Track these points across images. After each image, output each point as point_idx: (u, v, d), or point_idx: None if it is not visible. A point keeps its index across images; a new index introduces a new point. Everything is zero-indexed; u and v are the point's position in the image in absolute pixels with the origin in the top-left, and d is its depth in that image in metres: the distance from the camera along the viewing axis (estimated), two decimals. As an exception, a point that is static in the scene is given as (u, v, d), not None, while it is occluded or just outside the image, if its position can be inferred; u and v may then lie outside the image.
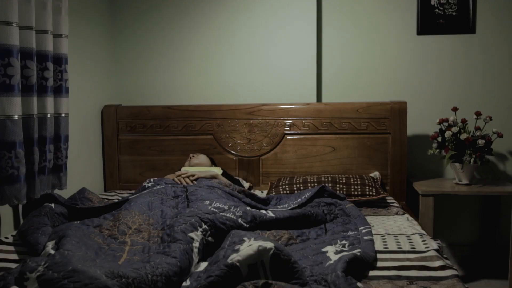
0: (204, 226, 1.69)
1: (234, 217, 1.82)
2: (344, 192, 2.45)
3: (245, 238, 1.42)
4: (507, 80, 2.91)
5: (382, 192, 2.47)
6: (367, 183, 2.51)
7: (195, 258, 1.54)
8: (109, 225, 1.78)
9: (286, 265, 1.34)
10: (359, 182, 2.51)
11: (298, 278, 1.35)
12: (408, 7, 2.94)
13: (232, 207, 1.89)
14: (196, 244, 1.58)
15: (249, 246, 1.35)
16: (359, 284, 1.35)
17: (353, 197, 2.45)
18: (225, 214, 1.82)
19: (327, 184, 2.46)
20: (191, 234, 1.61)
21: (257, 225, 1.86)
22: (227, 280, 1.28)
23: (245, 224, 1.82)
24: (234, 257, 1.32)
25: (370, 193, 2.45)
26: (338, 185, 2.50)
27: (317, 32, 2.98)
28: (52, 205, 2.00)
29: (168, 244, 1.56)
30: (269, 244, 1.34)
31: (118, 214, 1.86)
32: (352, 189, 2.47)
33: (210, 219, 1.73)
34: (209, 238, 1.68)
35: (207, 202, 1.91)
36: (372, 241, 1.74)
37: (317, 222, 2.00)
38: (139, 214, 1.86)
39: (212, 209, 1.84)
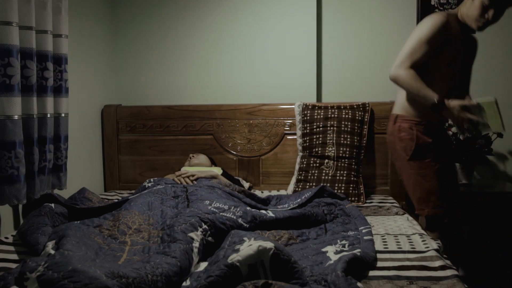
0: (204, 226, 1.69)
1: (234, 217, 1.82)
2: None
3: (245, 238, 1.42)
4: (507, 80, 2.91)
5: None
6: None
7: (195, 258, 1.54)
8: (109, 225, 1.78)
9: (286, 265, 1.35)
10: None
11: (298, 278, 1.35)
12: (408, 7, 2.94)
13: (232, 207, 1.89)
14: (196, 244, 1.58)
15: (249, 246, 1.35)
16: (359, 284, 1.35)
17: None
18: (225, 214, 1.82)
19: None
20: (191, 234, 1.61)
21: (257, 225, 1.86)
22: (227, 280, 1.28)
23: (245, 224, 1.82)
24: (234, 257, 1.32)
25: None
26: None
27: (317, 32, 2.98)
28: (52, 205, 2.00)
29: (168, 244, 1.56)
30: (269, 244, 1.34)
31: (118, 214, 1.86)
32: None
33: (210, 219, 1.73)
34: (209, 238, 1.68)
35: (207, 202, 1.91)
36: (372, 241, 1.74)
37: (317, 222, 2.01)
38: (139, 214, 1.86)
39: (212, 209, 1.84)
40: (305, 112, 2.71)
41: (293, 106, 2.83)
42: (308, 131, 2.67)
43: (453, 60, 2.05)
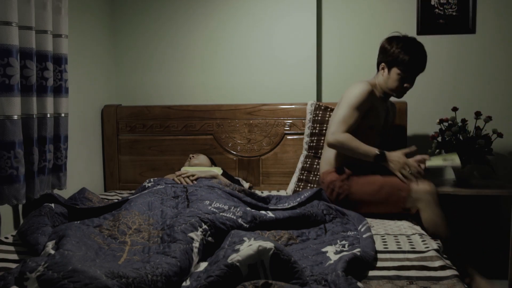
0: (204, 226, 1.69)
1: (234, 217, 1.82)
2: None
3: (245, 238, 1.42)
4: (507, 80, 2.91)
5: None
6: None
7: (195, 258, 1.54)
8: (109, 225, 1.78)
9: (286, 265, 1.34)
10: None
11: (298, 278, 1.35)
12: (408, 7, 2.94)
13: (232, 207, 1.89)
14: (196, 244, 1.58)
15: (249, 246, 1.35)
16: (359, 284, 1.35)
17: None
18: (225, 214, 1.81)
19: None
20: (191, 234, 1.61)
21: (257, 225, 1.86)
22: (227, 280, 1.28)
23: (245, 224, 1.82)
24: (234, 257, 1.32)
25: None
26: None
27: (317, 31, 2.98)
28: (52, 205, 1.99)
29: (168, 244, 1.56)
30: (269, 244, 1.34)
31: (118, 214, 1.86)
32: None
33: (210, 219, 1.73)
34: (209, 238, 1.68)
35: (207, 202, 1.90)
36: (371, 237, 1.75)
37: (317, 222, 2.01)
38: (139, 214, 1.86)
39: (212, 209, 1.84)
40: (317, 112, 2.71)
41: (293, 106, 2.83)
42: (317, 131, 2.67)
43: (375, 123, 2.31)
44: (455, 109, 2.74)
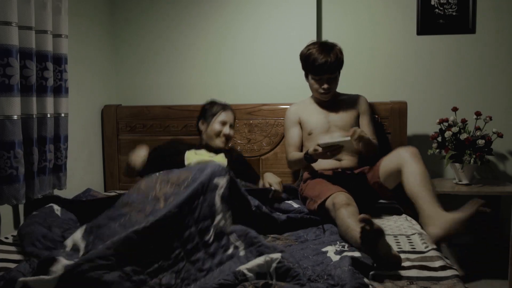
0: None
1: None
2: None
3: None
4: (507, 80, 2.91)
5: None
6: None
7: (218, 202, 1.60)
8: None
9: (289, 271, 1.36)
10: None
11: (298, 279, 1.35)
12: (408, 7, 2.94)
13: None
14: (219, 192, 1.63)
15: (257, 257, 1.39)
16: (366, 279, 1.35)
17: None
18: None
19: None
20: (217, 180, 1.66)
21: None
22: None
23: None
24: (242, 267, 1.34)
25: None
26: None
27: (317, 32, 2.98)
28: (53, 205, 1.96)
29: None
30: (275, 255, 1.36)
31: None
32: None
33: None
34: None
35: None
36: None
37: (315, 222, 2.01)
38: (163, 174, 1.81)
39: None
40: None
41: (293, 106, 2.83)
42: None
43: (312, 128, 2.44)
44: (455, 109, 2.75)
